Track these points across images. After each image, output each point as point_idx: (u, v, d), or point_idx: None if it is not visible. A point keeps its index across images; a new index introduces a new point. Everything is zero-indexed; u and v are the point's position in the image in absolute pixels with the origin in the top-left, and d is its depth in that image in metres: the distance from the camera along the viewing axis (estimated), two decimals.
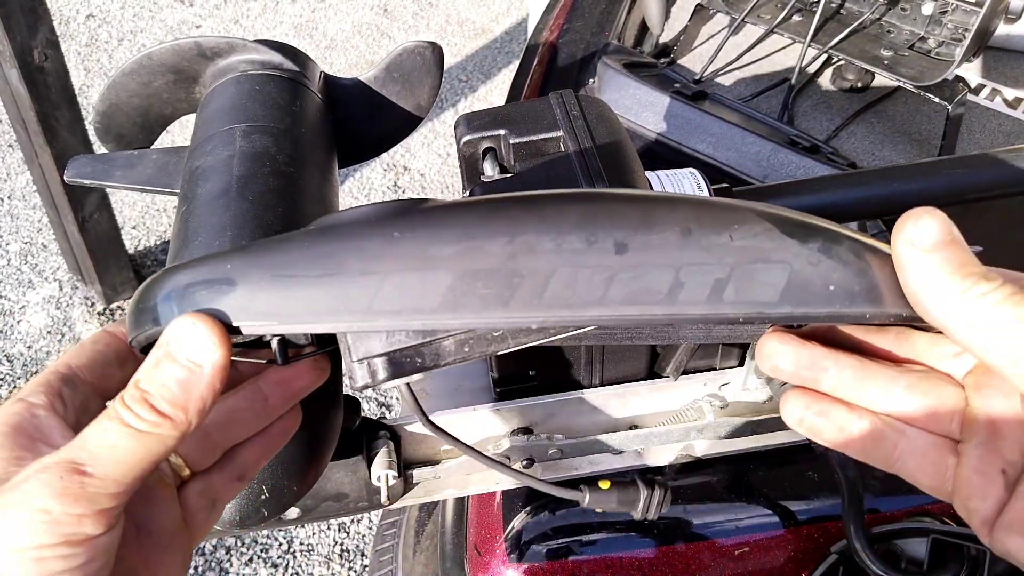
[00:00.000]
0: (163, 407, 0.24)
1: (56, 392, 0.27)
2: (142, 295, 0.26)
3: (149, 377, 0.24)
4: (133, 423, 0.24)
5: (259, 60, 0.46)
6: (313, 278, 0.24)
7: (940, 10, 0.77)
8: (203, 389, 0.24)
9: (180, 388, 0.24)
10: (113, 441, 0.24)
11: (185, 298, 0.25)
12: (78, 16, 2.39)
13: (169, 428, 0.24)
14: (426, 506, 0.78)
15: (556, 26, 0.88)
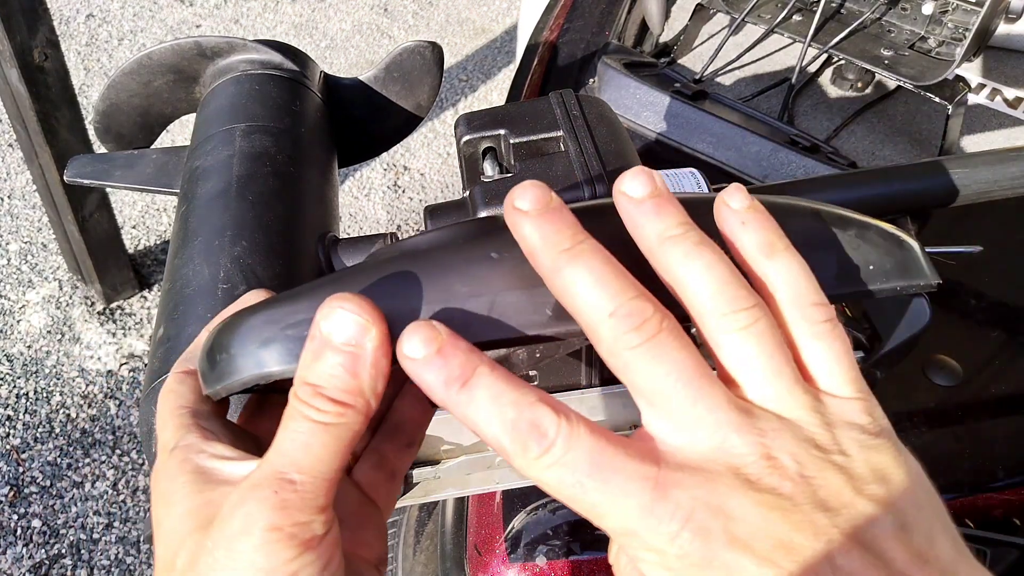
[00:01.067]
0: (340, 396, 0.23)
1: (199, 427, 0.27)
2: (221, 342, 0.26)
3: (314, 371, 0.23)
4: (318, 418, 0.23)
5: (259, 60, 0.46)
6: (427, 304, 0.25)
7: (940, 10, 0.77)
8: (370, 369, 0.24)
9: (348, 374, 0.23)
10: (305, 440, 0.23)
11: (276, 340, 0.25)
12: (78, 16, 2.39)
13: (352, 415, 0.24)
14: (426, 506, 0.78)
15: (556, 26, 0.88)
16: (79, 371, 1.61)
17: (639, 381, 0.23)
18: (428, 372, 0.23)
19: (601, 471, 0.22)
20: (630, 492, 0.22)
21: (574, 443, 0.22)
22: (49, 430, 1.52)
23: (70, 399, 1.56)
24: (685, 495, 0.21)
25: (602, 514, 0.22)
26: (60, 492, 1.45)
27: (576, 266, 0.23)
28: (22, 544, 1.37)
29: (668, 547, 0.21)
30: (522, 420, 0.22)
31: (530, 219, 0.24)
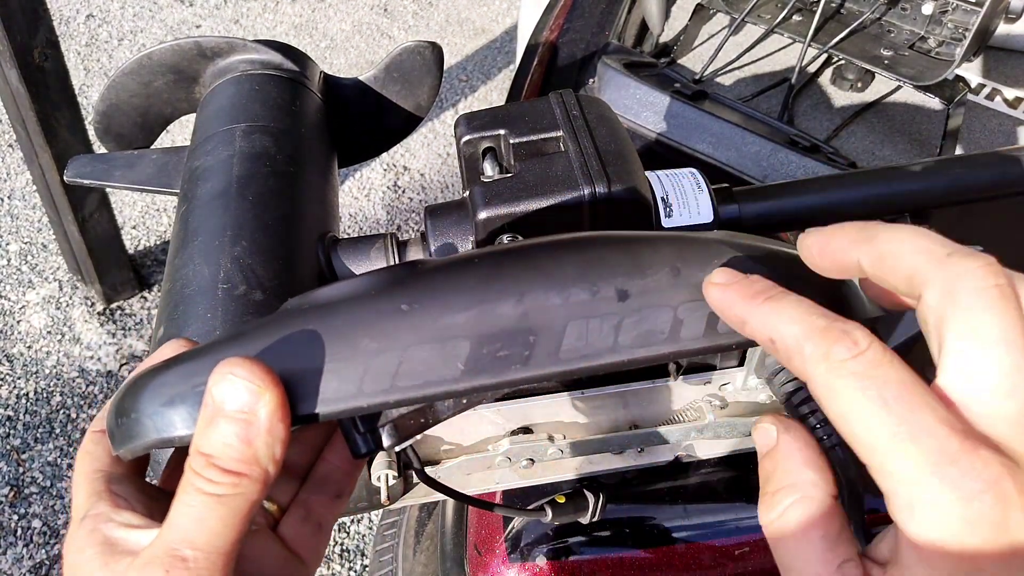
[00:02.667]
0: (234, 467, 0.23)
1: (111, 494, 0.26)
2: (125, 404, 0.25)
3: (207, 439, 0.23)
4: (211, 490, 0.23)
5: (259, 60, 0.46)
6: (331, 363, 0.24)
7: (940, 10, 0.77)
8: (265, 436, 0.23)
9: (242, 442, 0.22)
10: (199, 514, 0.23)
11: (177, 404, 0.24)
12: (78, 16, 2.39)
13: (248, 484, 0.23)
14: (426, 506, 0.78)
15: (556, 26, 0.88)
16: (79, 371, 1.61)
17: (952, 337, 0.21)
18: (732, 291, 0.23)
19: (909, 398, 0.20)
20: (935, 433, 0.19)
21: (887, 361, 0.20)
22: (49, 430, 1.52)
23: (70, 399, 1.56)
24: (995, 458, 0.19)
25: (890, 448, 0.20)
26: (60, 492, 1.44)
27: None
28: (22, 544, 1.37)
29: (959, 507, 0.19)
30: (834, 328, 0.21)
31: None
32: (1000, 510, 0.19)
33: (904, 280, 0.22)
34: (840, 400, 0.21)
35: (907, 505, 0.20)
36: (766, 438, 0.24)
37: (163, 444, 0.24)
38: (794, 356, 0.22)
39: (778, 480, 0.23)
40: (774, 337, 0.22)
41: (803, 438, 0.23)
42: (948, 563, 0.19)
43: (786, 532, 0.22)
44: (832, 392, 0.21)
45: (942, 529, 0.19)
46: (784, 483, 0.23)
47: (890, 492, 0.20)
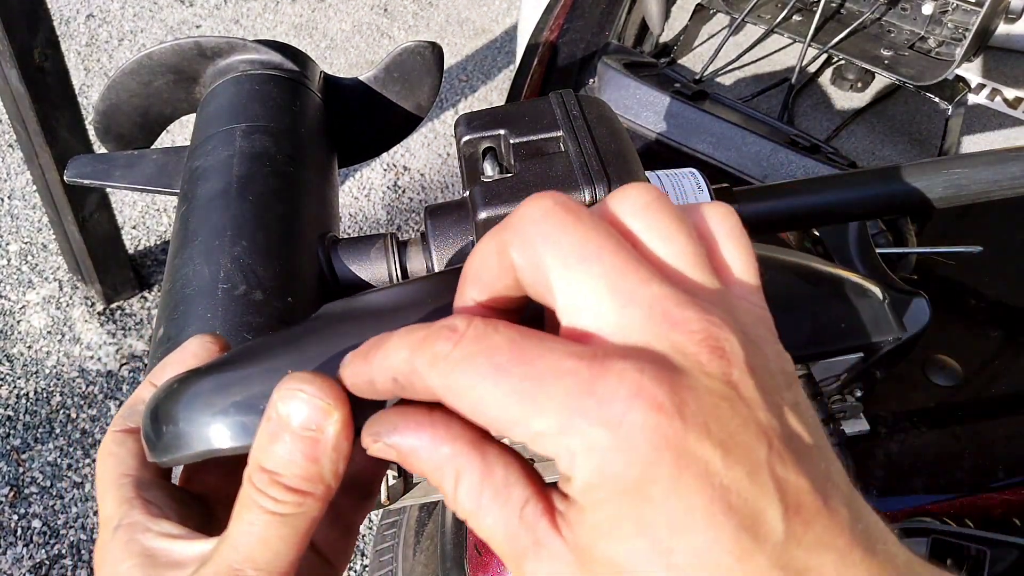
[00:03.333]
0: (298, 485, 0.22)
1: (143, 501, 0.25)
2: (168, 411, 0.24)
3: (270, 455, 0.22)
4: (275, 509, 0.22)
5: (259, 60, 0.46)
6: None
7: (940, 10, 0.77)
8: (331, 453, 0.22)
9: (307, 460, 0.22)
10: (261, 534, 0.22)
11: (227, 415, 0.23)
12: (78, 16, 2.39)
13: (311, 503, 0.22)
14: (426, 506, 0.78)
15: (556, 26, 0.88)
16: (79, 371, 1.61)
17: (557, 281, 0.19)
18: (354, 371, 0.21)
19: (523, 353, 0.18)
20: (561, 371, 0.18)
21: (491, 330, 0.19)
22: (49, 430, 1.52)
23: (70, 400, 1.56)
24: (630, 367, 0.18)
25: (526, 411, 0.18)
26: (60, 492, 1.44)
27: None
28: (22, 544, 1.37)
29: (611, 435, 0.17)
30: (431, 330, 0.20)
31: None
32: (652, 421, 0.17)
33: (501, 273, 0.21)
34: (463, 395, 0.19)
35: (567, 459, 0.18)
36: (388, 454, 0.22)
37: (209, 456, 0.24)
38: (414, 380, 0.20)
39: (433, 473, 0.21)
40: (393, 375, 0.20)
41: (410, 424, 0.21)
42: (616, 500, 0.18)
43: (470, 513, 0.20)
44: (453, 392, 0.19)
45: (603, 468, 0.17)
46: (438, 476, 0.21)
47: (550, 456, 0.18)
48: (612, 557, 0.18)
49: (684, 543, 0.17)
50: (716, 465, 0.17)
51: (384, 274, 0.40)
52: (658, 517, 0.17)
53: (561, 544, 0.19)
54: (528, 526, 0.19)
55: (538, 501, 0.20)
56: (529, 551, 0.19)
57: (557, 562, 0.19)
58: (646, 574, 0.18)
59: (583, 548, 0.19)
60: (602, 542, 0.18)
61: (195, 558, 0.24)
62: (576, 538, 0.19)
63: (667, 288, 0.19)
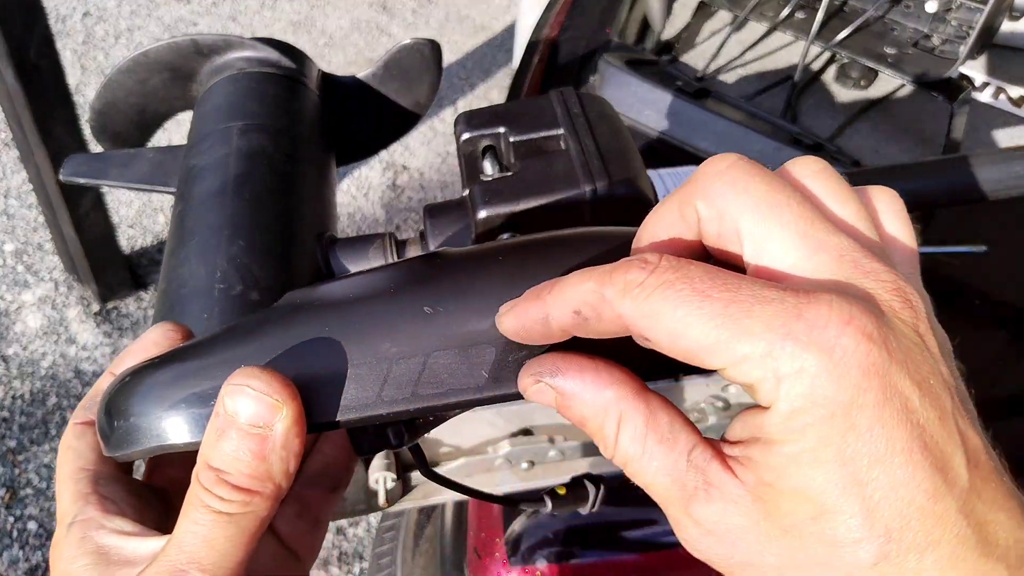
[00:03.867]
0: (245, 483, 0.21)
1: (99, 497, 0.25)
2: (121, 405, 0.23)
3: (218, 453, 0.21)
4: (220, 508, 0.21)
5: (256, 58, 0.45)
6: (350, 368, 0.23)
7: (944, 7, 0.77)
8: (280, 451, 0.21)
9: (255, 458, 0.21)
10: (207, 534, 0.22)
11: (179, 409, 0.22)
12: (74, 14, 2.38)
13: (259, 501, 0.22)
14: (425, 509, 0.77)
15: (557, 23, 0.88)
16: (75, 372, 1.60)
17: (746, 221, 0.20)
18: (517, 308, 0.21)
19: (724, 280, 0.19)
20: (767, 299, 0.18)
21: (686, 263, 0.19)
22: (45, 432, 1.51)
23: (66, 400, 1.56)
24: (838, 298, 0.18)
25: (732, 333, 0.18)
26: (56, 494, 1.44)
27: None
28: (18, 547, 1.37)
29: (823, 359, 0.17)
30: (620, 263, 0.20)
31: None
32: (864, 349, 0.18)
33: (681, 223, 0.21)
34: (662, 318, 0.19)
35: (772, 383, 0.18)
36: (545, 397, 0.22)
37: (163, 451, 0.23)
38: (602, 310, 0.20)
39: (593, 418, 0.21)
40: (575, 308, 0.20)
41: (572, 366, 0.21)
42: (822, 426, 0.18)
43: (632, 459, 0.20)
44: (650, 317, 0.19)
45: (812, 392, 0.18)
46: (598, 421, 0.21)
47: (753, 381, 0.18)
48: (805, 487, 0.18)
49: (881, 475, 0.17)
50: (915, 403, 0.18)
51: None
52: (860, 446, 0.17)
53: (736, 485, 0.19)
54: (698, 469, 0.19)
55: (705, 447, 0.20)
56: (700, 492, 0.19)
57: (730, 503, 0.19)
58: (840, 504, 0.18)
59: (766, 484, 0.19)
60: (796, 472, 0.18)
61: (146, 556, 0.23)
62: (758, 476, 0.19)
63: (852, 241, 0.19)
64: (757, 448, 0.19)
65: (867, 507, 0.18)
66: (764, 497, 0.19)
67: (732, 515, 0.19)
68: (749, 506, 0.19)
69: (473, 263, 0.24)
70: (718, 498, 0.19)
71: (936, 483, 0.18)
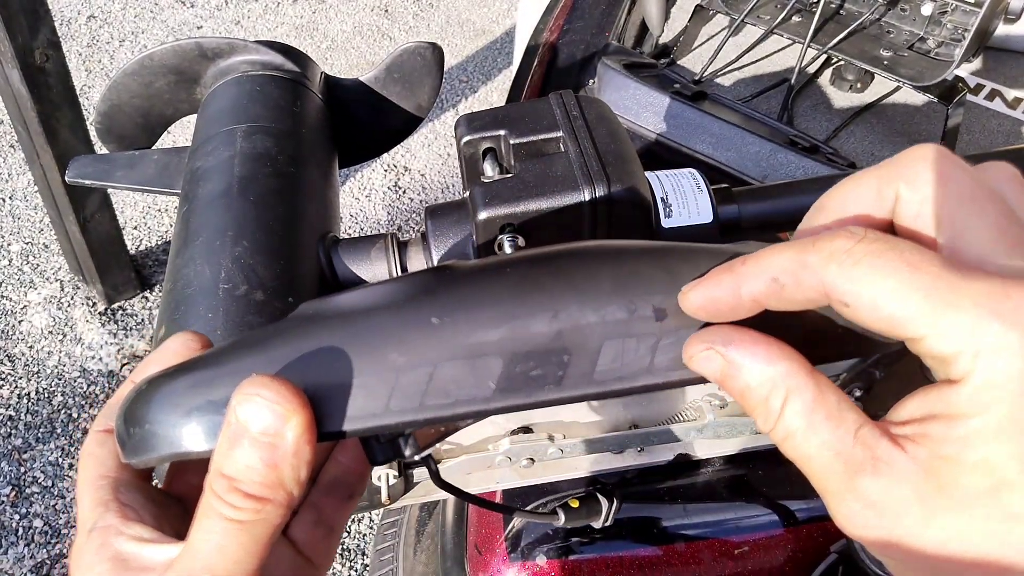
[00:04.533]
0: (257, 491, 0.22)
1: (119, 504, 0.25)
2: (138, 412, 0.24)
3: (230, 461, 0.22)
4: (233, 516, 0.22)
5: (260, 61, 0.46)
6: (358, 378, 0.23)
7: (939, 10, 0.77)
8: (291, 459, 0.22)
9: (266, 466, 0.21)
10: (220, 542, 0.22)
11: (194, 417, 0.23)
12: (79, 17, 2.39)
13: (271, 509, 0.22)
14: (426, 505, 0.78)
15: (556, 27, 0.88)
16: (80, 371, 1.61)
17: (953, 215, 0.20)
18: (708, 282, 0.22)
19: (932, 255, 0.19)
20: (974, 277, 0.19)
21: (892, 237, 0.20)
22: (51, 430, 1.52)
23: (71, 399, 1.57)
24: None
25: (937, 305, 0.19)
26: (62, 492, 1.45)
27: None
28: (24, 544, 1.38)
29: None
30: (825, 233, 0.20)
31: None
32: None
33: (875, 200, 0.22)
34: (868, 285, 0.19)
35: (970, 356, 0.19)
36: (711, 365, 0.22)
37: (178, 458, 0.23)
38: (802, 276, 0.20)
39: (759, 388, 0.21)
40: (773, 275, 0.21)
41: (746, 338, 0.22)
42: (1012, 400, 0.18)
43: (795, 432, 0.20)
44: (855, 283, 0.20)
45: (1009, 367, 0.18)
46: (763, 392, 0.21)
47: (948, 354, 0.19)
48: (987, 460, 0.19)
49: None
50: None
51: (384, 274, 0.40)
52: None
53: (907, 459, 0.20)
54: (866, 445, 0.20)
55: (874, 427, 0.20)
56: (867, 467, 0.20)
57: (900, 476, 0.19)
58: (1018, 480, 0.18)
59: (942, 458, 0.19)
60: (979, 446, 0.19)
61: (164, 563, 0.24)
62: (933, 450, 0.19)
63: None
64: (936, 424, 0.19)
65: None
66: (939, 471, 0.19)
67: (900, 488, 0.20)
68: (920, 480, 0.19)
69: (481, 275, 0.24)
70: (886, 472, 0.20)
71: None
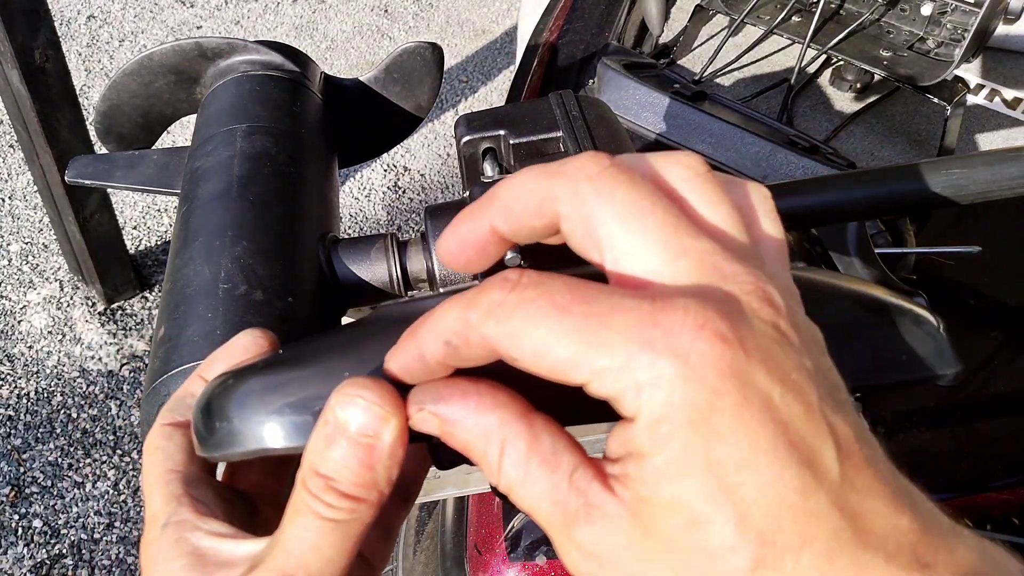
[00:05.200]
0: (353, 491, 0.22)
1: (191, 499, 0.25)
2: (221, 406, 0.24)
3: (326, 460, 0.22)
4: (329, 515, 0.22)
5: (260, 61, 0.46)
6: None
7: (939, 11, 0.77)
8: (387, 461, 0.22)
9: (363, 466, 0.21)
10: (314, 540, 0.22)
11: (282, 414, 0.23)
12: (79, 17, 2.39)
13: (365, 508, 0.22)
14: (426, 505, 0.78)
15: (556, 27, 0.88)
16: (80, 371, 1.61)
17: (607, 226, 0.20)
18: (403, 352, 0.21)
19: (584, 292, 0.19)
20: (624, 308, 0.18)
21: (547, 277, 0.19)
22: (50, 430, 1.52)
23: (71, 399, 1.57)
24: (693, 302, 0.18)
25: (591, 347, 0.18)
26: (61, 492, 1.45)
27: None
28: (23, 544, 1.38)
29: (679, 365, 0.17)
30: (482, 286, 0.20)
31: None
32: (718, 351, 0.17)
33: (536, 213, 0.21)
34: (522, 339, 0.19)
35: (633, 393, 0.18)
36: (428, 425, 0.21)
37: (261, 454, 0.24)
38: (469, 335, 0.19)
39: (476, 444, 0.20)
40: (445, 338, 0.20)
41: (455, 392, 0.21)
42: (684, 433, 0.17)
43: (515, 484, 0.20)
44: (513, 337, 0.19)
45: (670, 399, 0.17)
46: (480, 447, 0.20)
47: (615, 394, 0.18)
48: (677, 499, 0.18)
49: (750, 479, 0.17)
50: (776, 400, 0.17)
51: (384, 274, 0.40)
52: (724, 452, 0.17)
53: (616, 503, 0.19)
54: (579, 490, 0.19)
55: (587, 467, 0.20)
56: (580, 515, 0.19)
57: (610, 523, 0.19)
58: (711, 513, 0.17)
59: (642, 500, 0.18)
60: (666, 485, 0.18)
61: (244, 558, 0.24)
62: (635, 491, 0.18)
63: (715, 245, 0.20)
64: (632, 463, 0.19)
65: (738, 512, 0.17)
66: (641, 513, 0.18)
67: (613, 535, 0.19)
68: (628, 525, 0.19)
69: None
70: (598, 518, 0.19)
71: (805, 479, 0.17)
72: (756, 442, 0.17)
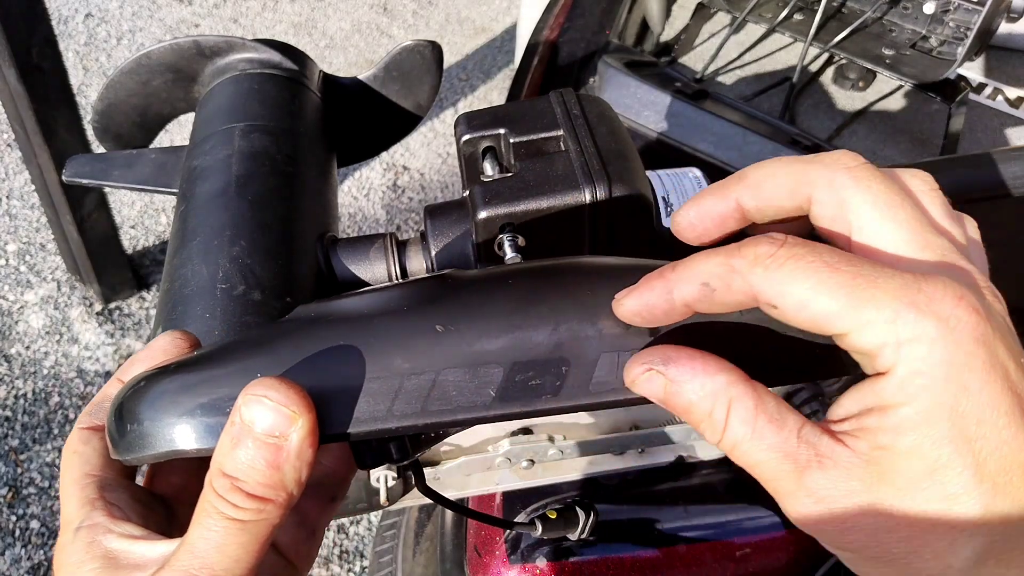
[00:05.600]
0: (259, 491, 0.22)
1: (105, 502, 0.25)
2: (132, 409, 0.24)
3: (233, 461, 0.22)
4: (235, 515, 0.22)
5: (258, 59, 0.46)
6: (364, 382, 0.23)
7: (942, 9, 0.77)
8: (294, 461, 0.22)
9: (270, 467, 0.22)
10: (220, 540, 0.22)
11: (192, 416, 0.23)
12: (76, 15, 2.39)
13: (272, 509, 0.22)
14: (426, 507, 0.78)
15: (556, 25, 0.88)
16: (77, 372, 1.60)
17: (865, 210, 0.22)
18: (638, 290, 0.23)
19: (849, 256, 0.21)
20: (889, 273, 0.20)
21: (811, 241, 0.21)
22: (48, 431, 1.52)
23: (68, 400, 1.56)
24: (950, 280, 0.20)
25: (858, 301, 0.20)
26: (59, 493, 1.44)
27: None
28: (20, 545, 1.37)
29: (941, 326, 0.20)
30: (747, 240, 0.22)
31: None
32: (973, 320, 0.20)
33: (788, 194, 0.24)
34: (792, 286, 0.21)
35: (893, 347, 0.20)
36: (653, 385, 0.23)
37: (173, 456, 0.23)
38: (731, 280, 0.21)
39: (702, 403, 0.22)
40: (704, 279, 0.22)
41: (683, 355, 0.22)
42: (938, 386, 0.20)
43: (742, 440, 0.21)
44: (781, 285, 0.21)
45: (930, 355, 0.20)
46: (706, 406, 0.22)
47: (872, 347, 0.20)
48: (918, 445, 0.20)
49: (988, 434, 0.19)
50: (1012, 372, 0.20)
51: (383, 274, 0.40)
52: (970, 407, 0.20)
53: (848, 453, 0.21)
54: (809, 443, 0.21)
55: (814, 426, 0.21)
56: (812, 464, 0.21)
57: (844, 470, 0.20)
58: (952, 459, 0.19)
59: (881, 448, 0.20)
60: (910, 433, 0.20)
61: (155, 560, 0.24)
62: (872, 441, 0.20)
63: (952, 245, 0.22)
64: (871, 416, 0.21)
65: (976, 461, 0.19)
66: (879, 461, 0.20)
67: (847, 481, 0.20)
68: (863, 471, 0.20)
69: (485, 285, 0.25)
70: (831, 467, 0.20)
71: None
72: (997, 403, 0.20)
